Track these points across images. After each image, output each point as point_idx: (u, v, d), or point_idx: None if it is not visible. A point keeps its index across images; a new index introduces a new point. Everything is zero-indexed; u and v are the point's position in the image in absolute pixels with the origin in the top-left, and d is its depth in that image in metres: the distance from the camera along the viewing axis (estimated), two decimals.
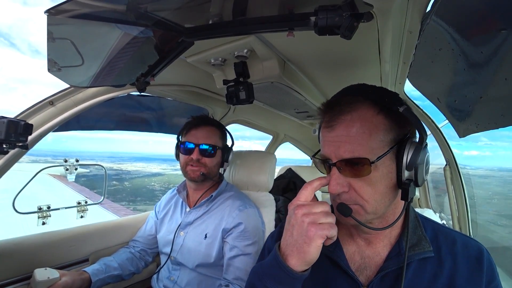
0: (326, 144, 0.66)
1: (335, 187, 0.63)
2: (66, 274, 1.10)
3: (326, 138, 0.67)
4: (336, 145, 0.64)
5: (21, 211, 1.36)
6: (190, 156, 1.36)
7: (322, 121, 0.71)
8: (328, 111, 0.67)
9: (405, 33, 0.83)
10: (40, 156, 57.28)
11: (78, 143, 50.72)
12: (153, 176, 56.19)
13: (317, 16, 0.59)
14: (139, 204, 33.04)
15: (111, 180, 43.68)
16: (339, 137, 0.64)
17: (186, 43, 0.84)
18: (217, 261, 1.30)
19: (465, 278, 0.64)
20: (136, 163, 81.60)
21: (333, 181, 0.63)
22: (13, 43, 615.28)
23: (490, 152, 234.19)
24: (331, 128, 0.65)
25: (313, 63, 1.24)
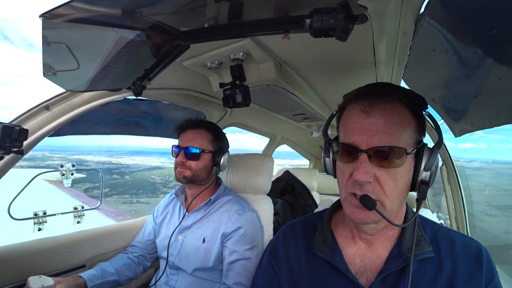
0: (358, 130, 0.63)
1: (364, 175, 0.60)
2: (61, 281, 1.08)
3: (358, 124, 0.64)
4: (370, 133, 0.62)
5: (16, 217, 1.34)
6: (176, 159, 1.37)
7: (344, 107, 0.71)
8: (364, 97, 0.65)
9: (399, 35, 0.83)
10: (37, 150, 57.08)
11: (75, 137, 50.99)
12: (153, 170, 56.17)
13: (312, 19, 0.60)
14: (142, 197, 33.11)
15: (112, 174, 43.48)
16: (375, 125, 0.62)
17: (182, 47, 0.84)
18: (215, 265, 1.30)
19: (465, 278, 0.64)
20: (134, 157, 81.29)
21: (362, 169, 0.60)
22: (7, 36, 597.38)
23: (485, 144, 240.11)
24: (367, 115, 0.63)
25: (309, 65, 1.25)
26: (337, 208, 0.85)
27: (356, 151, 0.63)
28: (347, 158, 0.65)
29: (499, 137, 52.51)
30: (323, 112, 1.99)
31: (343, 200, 0.68)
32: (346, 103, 0.71)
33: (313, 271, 0.77)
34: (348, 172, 0.65)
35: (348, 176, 0.65)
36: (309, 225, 0.86)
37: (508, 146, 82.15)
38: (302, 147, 3.78)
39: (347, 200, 0.66)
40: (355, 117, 0.65)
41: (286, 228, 0.91)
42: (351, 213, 0.65)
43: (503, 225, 3.80)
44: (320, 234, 0.79)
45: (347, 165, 0.65)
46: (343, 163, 0.67)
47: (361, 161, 0.61)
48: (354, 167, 0.62)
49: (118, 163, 68.30)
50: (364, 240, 0.73)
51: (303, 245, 0.82)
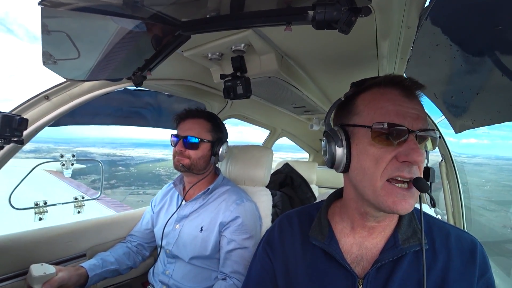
0: (402, 113, 0.62)
1: (422, 155, 0.60)
2: (63, 269, 1.10)
3: (401, 107, 0.62)
4: (413, 116, 0.62)
5: (17, 207, 1.35)
6: (175, 148, 1.38)
7: (362, 91, 0.69)
8: (400, 82, 0.65)
9: (403, 28, 0.83)
10: (42, 143, 57.38)
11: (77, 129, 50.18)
12: (157, 162, 56.66)
13: (315, 10, 0.59)
14: (148, 188, 33.49)
15: (117, 166, 43.95)
16: (416, 110, 0.63)
17: (182, 37, 0.83)
18: (212, 254, 1.31)
19: (458, 271, 0.65)
20: (137, 149, 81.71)
21: (418, 150, 0.59)
22: (10, 28, 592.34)
23: (488, 140, 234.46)
24: (409, 99, 0.64)
25: (311, 58, 1.23)
26: (334, 199, 0.85)
27: (405, 133, 0.60)
28: (387, 141, 0.61)
29: (502, 133, 52.18)
30: (324, 105, 1.98)
31: (379, 191, 0.62)
32: (371, 86, 0.68)
33: (308, 259, 0.77)
34: (388, 157, 0.61)
35: (388, 161, 0.61)
36: (306, 215, 0.87)
37: (511, 142, 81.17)
38: (302, 140, 3.78)
39: (386, 190, 0.61)
40: (397, 100, 0.63)
41: (283, 217, 0.92)
42: (394, 204, 0.61)
43: (501, 220, 3.89)
44: (317, 224, 0.80)
45: (386, 149, 0.61)
46: (380, 147, 0.62)
47: (414, 142, 0.60)
48: (398, 150, 0.60)
49: (122, 155, 68.67)
50: (367, 228, 0.73)
51: (299, 234, 0.83)
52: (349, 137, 0.68)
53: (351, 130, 0.68)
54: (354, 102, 0.69)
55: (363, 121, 0.65)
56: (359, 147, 0.66)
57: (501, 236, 2.86)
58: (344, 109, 0.72)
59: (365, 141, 0.64)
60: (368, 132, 0.63)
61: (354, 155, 0.67)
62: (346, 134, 0.68)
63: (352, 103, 0.70)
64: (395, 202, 0.60)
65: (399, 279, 0.66)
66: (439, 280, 0.65)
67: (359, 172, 0.66)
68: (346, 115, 0.71)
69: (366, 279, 0.68)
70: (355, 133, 0.67)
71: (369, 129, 0.63)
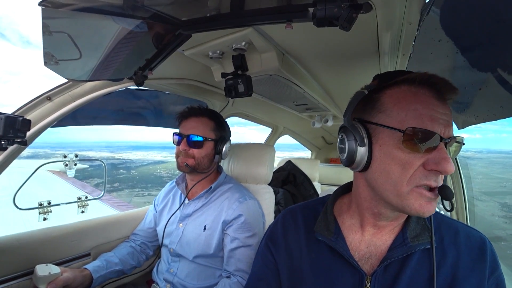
0: (436, 118, 0.57)
1: (453, 166, 0.57)
2: (67, 270, 1.11)
3: (434, 112, 0.58)
4: (445, 123, 0.58)
5: (21, 207, 1.36)
6: (179, 147, 1.37)
7: (390, 86, 0.63)
8: (439, 83, 0.60)
9: (405, 24, 0.82)
10: (39, 148, 57.81)
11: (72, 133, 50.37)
12: (157, 164, 57.12)
13: (315, 8, 0.59)
14: (152, 190, 33.92)
15: (118, 169, 44.40)
16: (447, 115, 0.59)
17: (183, 36, 0.83)
18: (216, 252, 1.32)
19: (468, 268, 0.64)
20: (135, 152, 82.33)
21: (449, 159, 0.56)
22: (4, 34, 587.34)
23: (480, 134, 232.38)
24: (441, 103, 0.59)
25: (312, 55, 1.23)
26: (339, 195, 0.84)
27: (438, 140, 0.57)
28: (416, 147, 0.57)
29: (494, 127, 52.39)
30: (326, 102, 1.98)
31: (405, 195, 0.59)
32: (401, 82, 0.62)
33: (313, 255, 0.76)
34: (417, 163, 0.58)
35: (415, 168, 0.58)
36: (310, 210, 0.85)
37: (503, 136, 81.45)
38: (304, 138, 3.78)
39: (414, 194, 0.59)
40: (430, 103, 0.58)
41: (286, 212, 0.90)
42: (421, 207, 0.59)
43: (490, 209, 4.03)
44: (323, 219, 0.78)
45: (415, 155, 0.58)
46: (408, 153, 0.58)
47: (445, 150, 0.57)
48: (427, 157, 0.57)
49: (121, 158, 69.18)
50: (377, 227, 0.71)
51: (304, 230, 0.81)
52: (371, 135, 0.64)
53: (373, 129, 0.64)
54: (379, 98, 0.64)
55: (391, 122, 0.60)
56: (383, 148, 0.62)
57: (489, 223, 3.01)
58: (366, 104, 0.66)
59: (391, 143, 0.60)
60: (396, 135, 0.59)
61: (376, 157, 0.63)
62: (367, 132, 0.64)
63: (376, 98, 0.64)
64: (422, 205, 0.59)
65: (408, 277, 0.65)
66: (450, 277, 0.64)
67: (381, 175, 0.62)
68: (368, 111, 0.65)
69: (374, 277, 0.67)
70: (378, 133, 0.62)
71: (399, 132, 0.58)
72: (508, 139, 79.65)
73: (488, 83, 0.65)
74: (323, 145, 4.06)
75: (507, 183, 8.73)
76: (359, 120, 0.66)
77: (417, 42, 0.83)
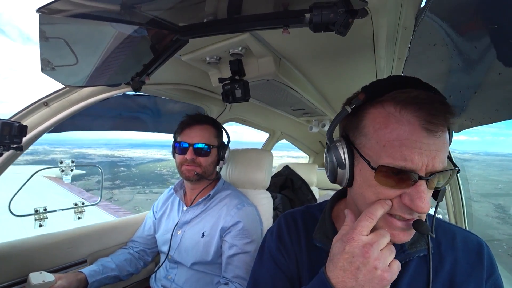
0: (417, 152, 0.51)
1: (428, 206, 0.53)
2: (62, 277, 1.09)
3: (417, 144, 0.51)
4: (431, 154, 0.52)
5: (17, 214, 1.34)
6: (185, 156, 1.35)
7: (374, 105, 0.58)
8: (425, 104, 0.52)
9: (400, 29, 0.83)
10: (37, 145, 58.06)
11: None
12: (157, 162, 57.03)
13: (312, 13, 0.60)
14: (153, 188, 33.81)
15: (119, 167, 44.34)
16: (437, 145, 0.52)
17: (180, 42, 0.83)
18: (214, 259, 1.31)
19: (466, 273, 0.64)
20: (134, 150, 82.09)
21: (424, 200, 0.52)
22: (3, 30, 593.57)
23: (478, 137, 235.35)
24: (431, 132, 0.51)
25: (308, 60, 1.24)
26: (337, 200, 0.83)
27: (415, 178, 0.52)
28: (393, 181, 0.54)
29: (493, 130, 51.78)
30: (323, 107, 1.99)
31: (379, 221, 0.57)
32: (386, 101, 0.56)
33: (312, 261, 0.76)
34: (391, 195, 0.55)
35: (390, 198, 0.56)
36: (310, 215, 0.85)
37: (501, 139, 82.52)
38: (301, 142, 3.78)
39: (385, 222, 0.58)
40: (415, 133, 0.52)
41: (287, 215, 0.88)
42: (392, 236, 0.57)
43: (485, 210, 4.15)
44: (321, 226, 0.78)
45: (389, 189, 0.55)
46: (385, 187, 0.55)
47: (423, 189, 0.52)
48: (403, 191, 0.54)
49: (121, 156, 68.97)
50: None
51: (304, 235, 0.81)
52: (353, 155, 0.61)
53: (355, 151, 0.61)
54: (362, 118, 0.60)
55: (369, 150, 0.57)
56: (362, 173, 0.59)
57: (484, 223, 3.07)
58: (351, 120, 0.63)
59: (368, 171, 0.57)
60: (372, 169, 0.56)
61: (356, 179, 0.61)
62: (350, 151, 0.61)
63: (360, 117, 0.60)
64: (394, 234, 0.57)
65: (406, 284, 0.65)
66: (447, 282, 0.64)
67: (359, 197, 0.62)
68: (352, 130, 0.62)
69: None
70: (359, 157, 0.59)
71: (373, 169, 0.55)
72: (505, 142, 79.62)
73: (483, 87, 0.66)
74: (321, 149, 4.07)
75: (502, 185, 8.90)
76: (345, 137, 0.64)
77: (413, 46, 0.84)
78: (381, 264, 0.53)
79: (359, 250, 0.54)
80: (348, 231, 0.57)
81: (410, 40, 0.82)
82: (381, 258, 0.53)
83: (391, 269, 0.54)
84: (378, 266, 0.52)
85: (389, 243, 0.56)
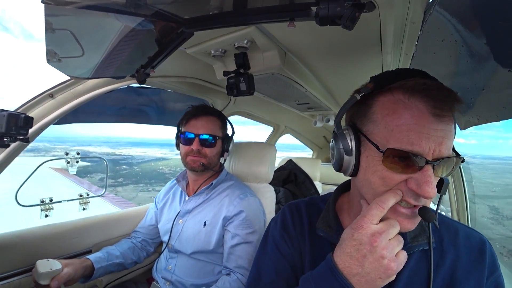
0: (424, 136, 0.52)
1: (434, 191, 0.53)
2: (69, 264, 1.11)
3: (425, 129, 0.52)
4: (438, 140, 0.53)
5: (24, 204, 1.36)
6: (190, 147, 1.35)
7: (383, 93, 0.59)
8: (433, 91, 0.54)
9: (408, 24, 0.82)
10: (38, 142, 59.08)
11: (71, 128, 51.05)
12: (158, 161, 57.80)
13: (318, 6, 0.59)
14: (156, 186, 34.43)
15: (121, 165, 45.04)
16: (444, 131, 0.53)
17: (185, 34, 0.83)
18: (216, 248, 1.32)
19: (467, 269, 0.64)
20: (135, 148, 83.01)
21: (432, 184, 0.53)
22: (6, 27, 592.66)
23: (476, 140, 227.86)
24: (439, 118, 0.53)
25: (314, 54, 1.23)
26: (341, 193, 0.84)
27: (423, 163, 0.53)
28: (399, 166, 0.55)
29: (491, 133, 50.11)
30: (328, 101, 1.97)
31: None
32: (395, 89, 0.58)
33: (315, 250, 0.77)
34: (398, 179, 0.56)
35: (396, 183, 0.57)
36: (314, 206, 0.86)
37: (499, 142, 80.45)
38: (305, 137, 3.77)
39: (391, 208, 0.57)
40: (423, 119, 0.53)
41: (291, 205, 0.88)
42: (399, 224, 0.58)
43: (480, 211, 4.23)
44: (325, 216, 0.79)
45: (396, 173, 0.56)
46: (391, 171, 0.56)
47: (430, 174, 0.53)
48: (410, 176, 0.55)
49: (122, 154, 69.76)
50: None
51: (307, 225, 0.82)
52: (360, 143, 0.62)
53: (363, 137, 0.62)
54: (371, 105, 0.61)
55: (377, 136, 0.58)
56: (369, 160, 0.60)
57: (479, 223, 3.16)
58: (360, 109, 0.64)
59: (375, 157, 0.58)
60: (380, 152, 0.56)
61: (362, 166, 0.62)
62: (357, 139, 0.62)
63: (369, 104, 0.61)
64: (399, 221, 0.58)
65: (406, 277, 0.65)
66: (447, 278, 0.64)
67: (364, 184, 0.62)
68: (360, 117, 0.63)
69: None
70: (366, 143, 0.60)
71: (381, 153, 0.56)
72: (504, 145, 78.39)
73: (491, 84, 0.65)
74: (325, 144, 4.05)
75: (496, 188, 8.85)
76: (352, 126, 0.65)
77: (420, 41, 0.83)
78: (388, 253, 0.53)
79: (367, 238, 0.54)
80: (358, 219, 0.57)
81: (418, 35, 0.81)
82: (389, 248, 0.54)
83: (398, 259, 0.54)
84: (385, 255, 0.53)
85: (397, 234, 0.57)
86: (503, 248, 3.22)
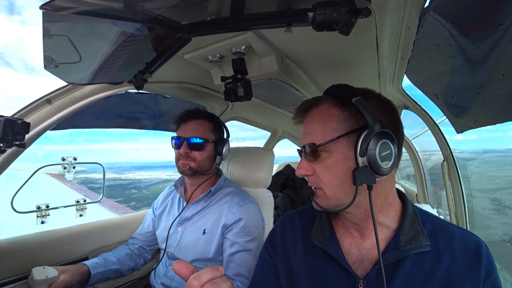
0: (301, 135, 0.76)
1: (298, 170, 0.74)
2: (65, 270, 1.09)
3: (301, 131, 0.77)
4: (302, 136, 0.74)
5: (19, 210, 1.35)
6: (179, 150, 1.36)
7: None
8: (299, 111, 0.78)
9: (403, 29, 0.83)
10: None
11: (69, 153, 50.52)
12: (165, 182, 58.62)
13: (315, 12, 0.59)
14: None
15: (130, 189, 45.48)
16: (304, 129, 0.75)
17: (183, 40, 0.83)
18: (215, 256, 1.31)
19: (463, 272, 0.64)
20: (139, 172, 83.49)
21: (298, 165, 0.74)
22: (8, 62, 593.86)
23: (475, 135, 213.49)
24: (301, 124, 0.77)
25: (311, 59, 1.24)
26: None
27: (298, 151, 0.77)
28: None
29: (489, 127, 49.74)
30: None
31: None
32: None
33: (310, 260, 0.78)
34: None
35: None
36: (307, 215, 0.88)
37: (498, 135, 79.96)
38: None
39: None
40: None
41: (284, 217, 0.93)
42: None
43: (482, 204, 4.58)
44: (319, 224, 0.80)
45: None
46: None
47: (301, 159, 0.75)
48: None
49: (128, 179, 70.01)
50: (356, 230, 0.75)
51: (301, 234, 0.84)
52: None
53: None
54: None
55: None
56: None
57: (480, 215, 3.34)
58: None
59: None
60: None
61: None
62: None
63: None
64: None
65: (401, 281, 0.65)
66: (443, 282, 0.64)
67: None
68: None
69: (366, 280, 0.68)
70: None
71: None
72: (503, 137, 77.65)
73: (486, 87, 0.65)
74: None
75: (498, 180, 9.08)
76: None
77: (416, 46, 0.84)
78: None
79: None
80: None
81: (414, 40, 0.82)
82: None
83: None
84: None
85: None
86: (505, 235, 3.44)
